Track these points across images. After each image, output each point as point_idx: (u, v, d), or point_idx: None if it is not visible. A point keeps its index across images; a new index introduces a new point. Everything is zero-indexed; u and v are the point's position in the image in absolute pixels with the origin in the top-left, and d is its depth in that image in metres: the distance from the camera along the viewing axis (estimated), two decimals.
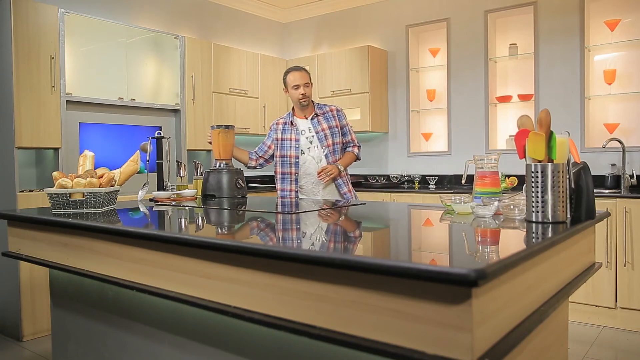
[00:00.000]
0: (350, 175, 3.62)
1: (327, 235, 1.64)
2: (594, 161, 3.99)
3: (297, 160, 3.19)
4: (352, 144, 3.31)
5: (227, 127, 2.96)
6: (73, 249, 1.87)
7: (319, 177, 3.08)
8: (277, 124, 3.29)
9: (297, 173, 3.19)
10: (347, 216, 2.02)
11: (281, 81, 3.33)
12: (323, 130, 3.19)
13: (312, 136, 3.20)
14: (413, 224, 1.87)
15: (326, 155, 3.18)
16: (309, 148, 3.19)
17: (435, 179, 4.67)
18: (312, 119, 3.21)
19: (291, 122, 3.23)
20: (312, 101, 3.25)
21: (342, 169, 3.17)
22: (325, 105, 3.32)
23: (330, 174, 3.07)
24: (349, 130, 3.31)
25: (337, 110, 3.29)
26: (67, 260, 1.90)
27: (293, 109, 3.28)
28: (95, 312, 2.10)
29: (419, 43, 5.08)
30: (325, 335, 1.13)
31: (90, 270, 1.80)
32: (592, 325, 3.52)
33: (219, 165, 2.89)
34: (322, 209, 2.21)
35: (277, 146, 3.23)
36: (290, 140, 3.20)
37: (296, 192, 3.20)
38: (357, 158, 3.35)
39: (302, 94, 3.15)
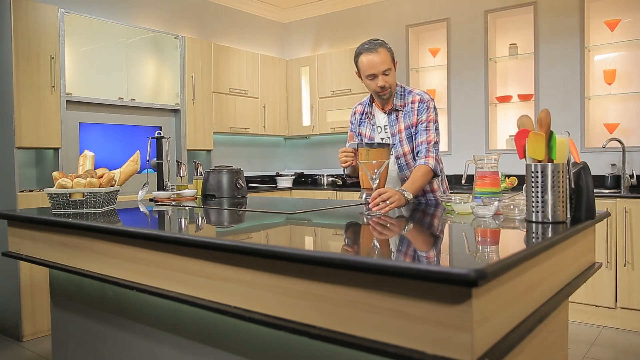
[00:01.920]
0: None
1: (326, 235, 1.64)
2: (594, 161, 3.99)
3: None
4: (423, 151, 2.27)
5: (380, 144, 2.05)
6: (73, 249, 1.87)
7: (371, 206, 1.87)
8: (355, 112, 2.50)
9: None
10: (346, 216, 2.02)
11: (281, 81, 3.01)
12: (400, 132, 2.33)
13: (388, 138, 2.38)
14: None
15: (400, 167, 2.35)
16: None
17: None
18: (389, 114, 2.36)
19: (368, 114, 2.46)
20: (398, 84, 2.36)
21: (409, 197, 2.04)
22: (410, 92, 2.35)
23: (391, 202, 1.86)
24: (425, 128, 2.28)
25: (421, 101, 2.31)
26: (67, 260, 1.90)
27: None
28: (95, 312, 2.10)
29: (419, 43, 5.08)
30: (325, 335, 1.13)
31: (90, 270, 1.80)
32: (592, 325, 3.51)
33: (365, 197, 2.12)
34: (322, 209, 2.21)
35: None
36: (365, 137, 2.45)
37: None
38: (435, 173, 2.25)
39: (380, 87, 2.25)
